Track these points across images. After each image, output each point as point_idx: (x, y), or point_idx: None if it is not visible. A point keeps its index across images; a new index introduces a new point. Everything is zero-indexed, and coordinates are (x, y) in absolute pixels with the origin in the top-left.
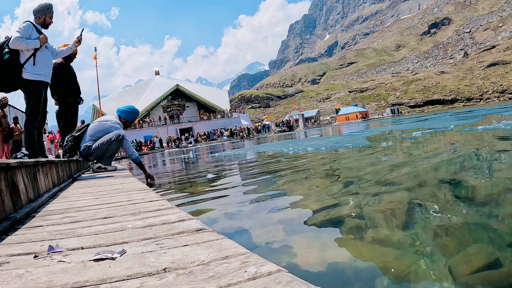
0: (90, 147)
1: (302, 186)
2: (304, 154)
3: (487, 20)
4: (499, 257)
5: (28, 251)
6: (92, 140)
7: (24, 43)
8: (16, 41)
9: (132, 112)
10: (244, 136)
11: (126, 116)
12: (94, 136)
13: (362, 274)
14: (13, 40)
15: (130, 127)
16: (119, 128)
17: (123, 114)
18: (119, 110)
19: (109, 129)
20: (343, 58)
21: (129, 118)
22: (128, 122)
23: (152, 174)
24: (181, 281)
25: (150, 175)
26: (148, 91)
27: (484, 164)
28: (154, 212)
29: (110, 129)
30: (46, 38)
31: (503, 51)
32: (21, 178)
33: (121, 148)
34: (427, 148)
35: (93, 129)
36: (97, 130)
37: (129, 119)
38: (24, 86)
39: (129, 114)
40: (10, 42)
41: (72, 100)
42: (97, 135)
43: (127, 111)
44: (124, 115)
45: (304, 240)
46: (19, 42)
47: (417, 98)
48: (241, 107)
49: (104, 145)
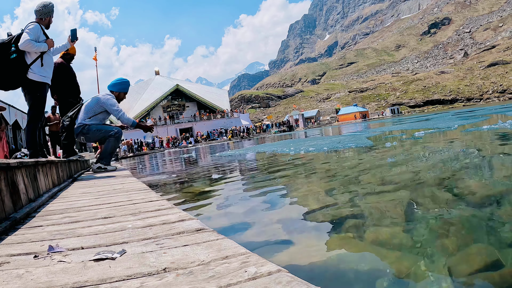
0: (85, 126)
1: (303, 186)
2: (305, 154)
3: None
4: (499, 257)
5: (28, 251)
6: (88, 117)
7: (34, 46)
8: (27, 43)
9: (123, 82)
10: (244, 136)
11: (118, 89)
12: (89, 113)
13: (362, 274)
14: (25, 42)
15: (124, 99)
16: (112, 99)
17: (115, 88)
18: (110, 85)
19: (103, 102)
20: (343, 58)
21: (122, 89)
22: (122, 94)
23: (153, 173)
24: (181, 281)
25: (147, 126)
26: (148, 91)
27: (488, 164)
28: (154, 212)
29: (103, 102)
30: (53, 42)
31: (503, 51)
32: (21, 178)
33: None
34: (430, 148)
35: (87, 106)
36: (91, 106)
37: (122, 91)
38: (28, 86)
39: (121, 85)
40: (20, 43)
41: (72, 100)
42: (92, 110)
43: (118, 83)
44: (116, 88)
45: (304, 240)
46: (31, 45)
47: (417, 98)
48: (241, 107)
49: (100, 132)
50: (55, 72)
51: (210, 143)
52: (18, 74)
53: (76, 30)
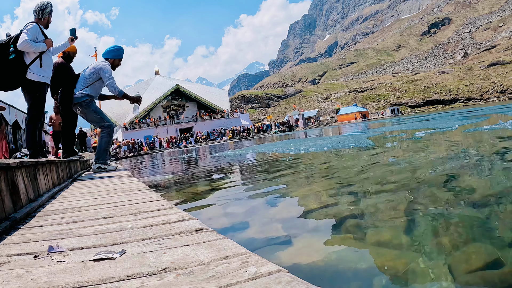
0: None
1: (303, 186)
2: (305, 154)
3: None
4: (499, 256)
5: (28, 251)
6: (85, 86)
7: (33, 46)
8: (26, 44)
9: (117, 49)
10: (244, 136)
11: (113, 55)
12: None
13: (362, 274)
14: (23, 42)
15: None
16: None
17: (109, 55)
18: (104, 53)
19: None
20: (343, 58)
21: (116, 56)
22: (116, 60)
23: (155, 173)
24: (181, 281)
25: (134, 98)
26: (148, 91)
27: (488, 164)
28: (154, 212)
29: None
30: (52, 42)
31: (503, 51)
32: (21, 178)
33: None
34: (431, 148)
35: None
36: (87, 75)
37: (116, 57)
38: (27, 86)
39: (115, 52)
40: (19, 43)
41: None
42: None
43: (112, 50)
44: (110, 54)
45: (304, 240)
46: (29, 45)
47: (417, 98)
48: (241, 107)
49: (96, 115)
50: (55, 72)
51: (210, 143)
52: (17, 75)
53: (75, 29)
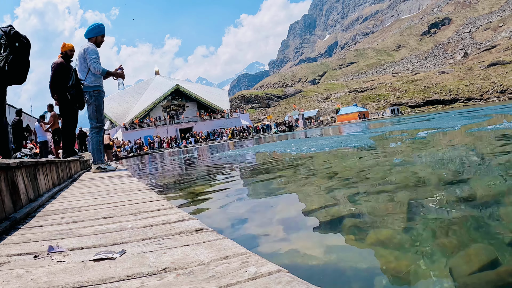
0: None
1: (303, 186)
2: (305, 154)
3: (487, 20)
4: (498, 256)
5: (28, 251)
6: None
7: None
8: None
9: (97, 26)
10: (244, 136)
11: (95, 33)
12: (83, 71)
13: (363, 274)
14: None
15: (103, 41)
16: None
17: (91, 34)
18: (86, 34)
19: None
20: (343, 58)
21: (98, 33)
22: (99, 37)
23: (153, 174)
24: (181, 281)
25: (117, 73)
26: (148, 91)
27: (489, 164)
28: (154, 212)
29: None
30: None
31: (503, 51)
32: (21, 178)
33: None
34: (433, 148)
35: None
36: (79, 67)
37: (98, 34)
38: None
39: (95, 29)
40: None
41: None
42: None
43: (92, 29)
44: (92, 33)
45: (304, 239)
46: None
47: (417, 98)
48: (241, 107)
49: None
50: (55, 72)
51: (210, 143)
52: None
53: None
